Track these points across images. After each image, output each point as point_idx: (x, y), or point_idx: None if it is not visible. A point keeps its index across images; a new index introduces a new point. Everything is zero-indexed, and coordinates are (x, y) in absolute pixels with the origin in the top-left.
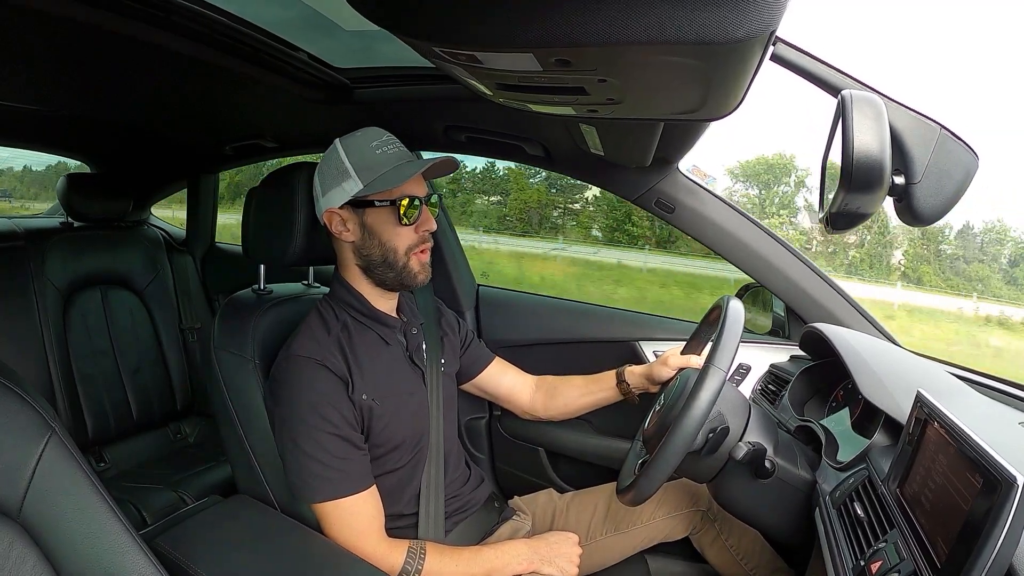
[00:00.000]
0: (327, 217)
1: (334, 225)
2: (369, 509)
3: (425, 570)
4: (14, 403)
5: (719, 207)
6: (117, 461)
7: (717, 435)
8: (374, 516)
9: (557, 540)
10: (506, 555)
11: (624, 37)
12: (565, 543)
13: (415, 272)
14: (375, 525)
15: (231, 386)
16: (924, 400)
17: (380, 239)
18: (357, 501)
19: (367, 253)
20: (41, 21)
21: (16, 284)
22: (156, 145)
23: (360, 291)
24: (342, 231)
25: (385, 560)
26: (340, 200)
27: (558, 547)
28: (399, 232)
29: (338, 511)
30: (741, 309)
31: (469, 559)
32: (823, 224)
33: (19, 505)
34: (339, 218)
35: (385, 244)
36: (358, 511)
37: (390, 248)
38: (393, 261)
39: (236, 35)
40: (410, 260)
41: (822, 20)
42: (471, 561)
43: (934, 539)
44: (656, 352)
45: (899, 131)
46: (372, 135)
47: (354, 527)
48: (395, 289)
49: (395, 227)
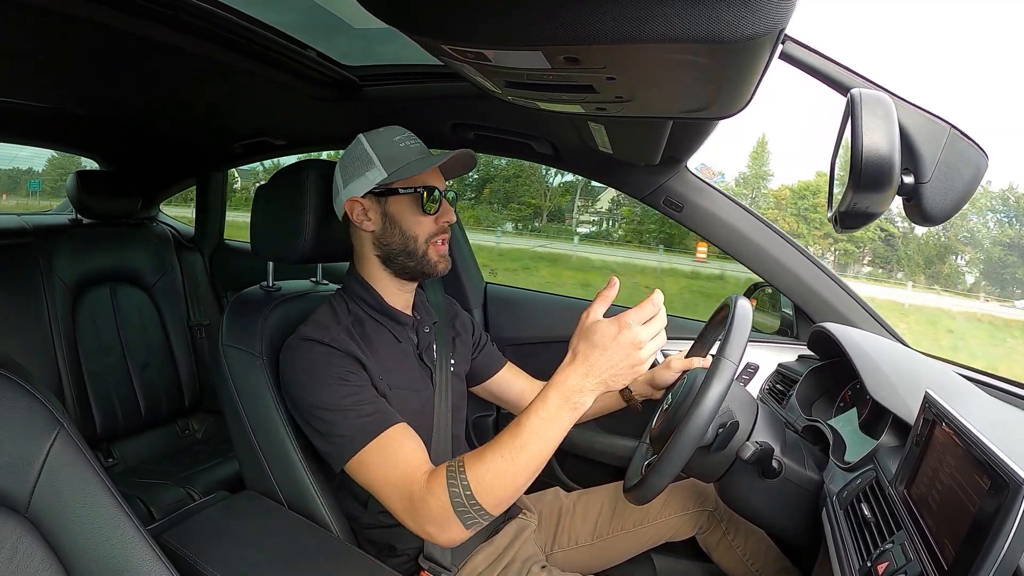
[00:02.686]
0: (348, 206)
1: (355, 214)
2: (412, 440)
3: (472, 484)
4: (23, 398)
5: (728, 206)
6: (125, 457)
7: (727, 430)
8: (417, 447)
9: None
10: (549, 411)
11: (633, 35)
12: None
13: (434, 261)
14: (422, 456)
15: (239, 382)
16: (932, 401)
17: (401, 227)
18: (397, 432)
19: (387, 242)
20: (51, 20)
21: (25, 281)
22: (165, 143)
23: (375, 286)
24: (363, 220)
25: (432, 495)
26: (363, 189)
27: (612, 354)
28: (420, 221)
29: (381, 450)
30: (749, 307)
31: (509, 443)
32: (831, 223)
33: (27, 500)
34: (361, 207)
35: (406, 232)
36: (401, 442)
37: (411, 236)
38: (413, 249)
39: (245, 33)
40: (429, 249)
41: (832, 19)
42: (512, 444)
43: (941, 540)
44: (664, 351)
45: (908, 130)
46: (395, 131)
47: (401, 457)
48: (414, 279)
49: (417, 216)
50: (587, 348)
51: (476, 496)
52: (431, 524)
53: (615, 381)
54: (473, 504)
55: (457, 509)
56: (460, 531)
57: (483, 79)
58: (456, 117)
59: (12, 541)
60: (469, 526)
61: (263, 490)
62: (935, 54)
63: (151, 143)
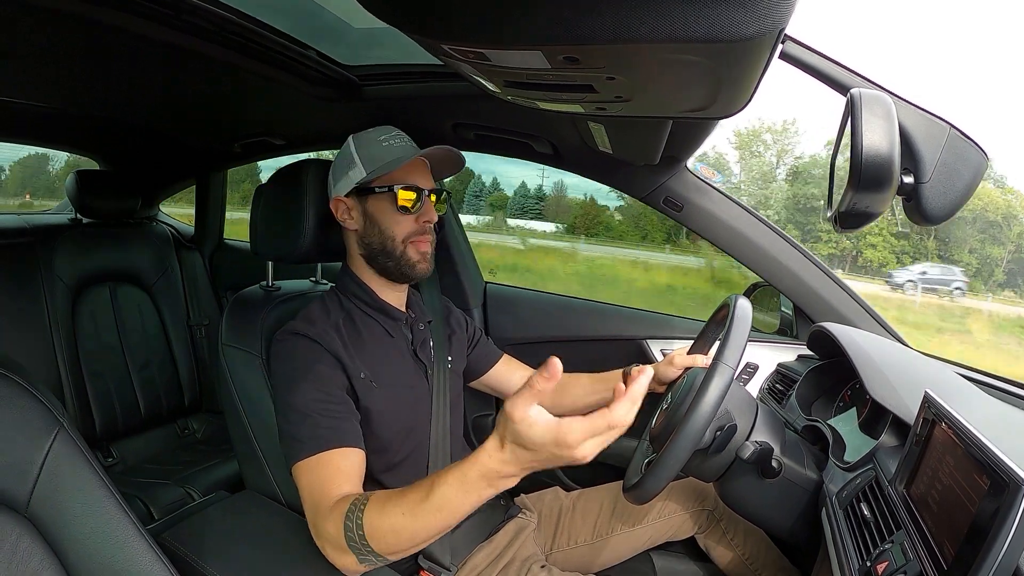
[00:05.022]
0: (333, 205)
1: (340, 213)
2: (349, 464)
3: (366, 528)
4: (22, 398)
5: (728, 205)
6: (125, 456)
7: (725, 433)
8: (348, 473)
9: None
10: (467, 485)
11: (633, 35)
12: (548, 449)
13: (414, 261)
14: (345, 484)
15: (239, 382)
16: (932, 400)
17: (380, 226)
18: (339, 454)
19: (368, 241)
20: (51, 19)
21: (25, 280)
22: (165, 142)
23: (366, 282)
24: (347, 219)
25: (331, 521)
26: (346, 188)
27: (543, 455)
28: (398, 220)
29: (319, 465)
30: (749, 307)
31: (416, 503)
32: (831, 223)
33: (27, 499)
34: (344, 206)
35: (384, 232)
36: (338, 464)
37: (388, 236)
38: (391, 249)
39: (245, 33)
40: (407, 249)
41: (832, 18)
42: (419, 505)
43: (941, 540)
44: (663, 351)
45: (908, 130)
46: (382, 131)
47: (328, 477)
48: (398, 280)
49: (394, 214)
50: (514, 446)
51: (368, 540)
52: (328, 545)
53: (547, 467)
54: (365, 545)
55: (349, 543)
56: (354, 563)
57: (483, 79)
58: (456, 117)
59: (12, 541)
60: (363, 562)
61: (263, 490)
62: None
63: (151, 143)
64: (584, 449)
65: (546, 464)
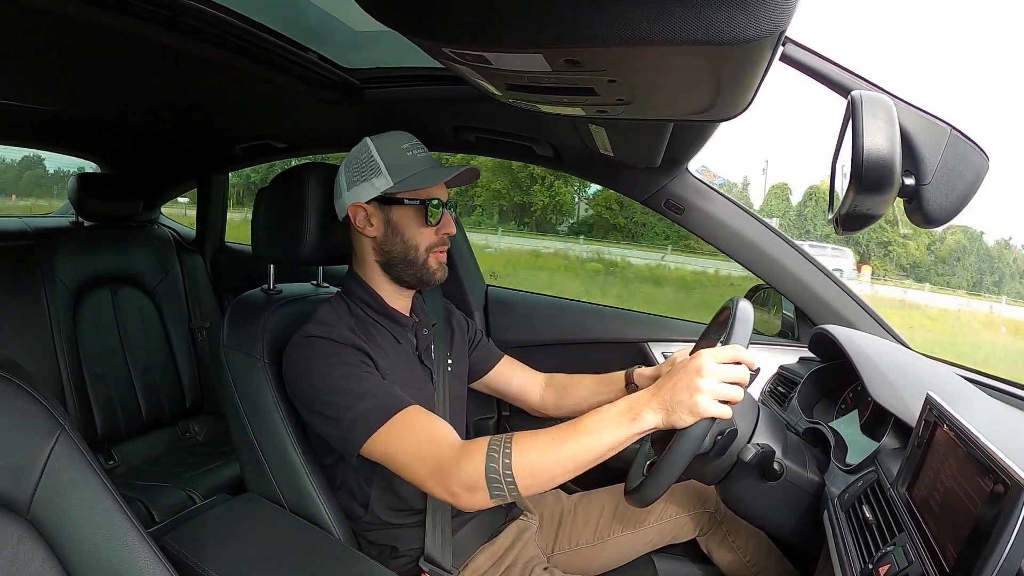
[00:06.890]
0: (352, 211)
1: (358, 219)
2: (429, 416)
3: (514, 457)
4: (24, 401)
5: (729, 208)
6: (126, 459)
7: (725, 437)
8: (439, 420)
9: (674, 371)
10: (611, 413)
11: (633, 38)
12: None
13: (433, 270)
14: (444, 427)
15: (240, 385)
16: (934, 402)
17: (403, 236)
18: (412, 411)
19: (388, 249)
20: (52, 22)
21: (26, 283)
22: (166, 145)
23: (375, 288)
24: (366, 226)
25: (469, 459)
26: (368, 195)
27: (677, 377)
28: (422, 231)
29: (401, 426)
30: (750, 309)
31: (564, 430)
32: (833, 225)
33: (28, 502)
34: (364, 213)
35: (407, 241)
36: (421, 417)
37: (412, 245)
38: (414, 259)
39: (246, 36)
40: (429, 258)
41: (832, 20)
42: (566, 431)
43: (943, 542)
44: (665, 353)
45: (909, 132)
46: (403, 138)
47: (425, 431)
48: (412, 286)
49: (419, 227)
50: (663, 378)
51: (513, 470)
52: (458, 486)
53: (674, 409)
54: (507, 477)
55: (489, 476)
56: (484, 499)
57: (484, 82)
58: (457, 120)
59: (13, 543)
60: (494, 496)
61: (264, 492)
62: (936, 55)
63: (152, 145)
64: (707, 377)
65: (674, 392)
